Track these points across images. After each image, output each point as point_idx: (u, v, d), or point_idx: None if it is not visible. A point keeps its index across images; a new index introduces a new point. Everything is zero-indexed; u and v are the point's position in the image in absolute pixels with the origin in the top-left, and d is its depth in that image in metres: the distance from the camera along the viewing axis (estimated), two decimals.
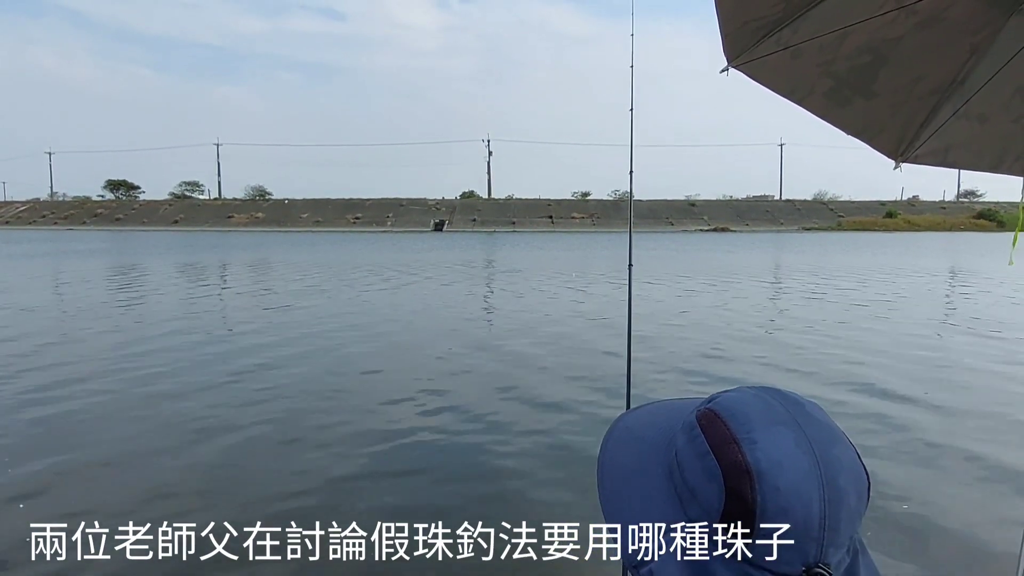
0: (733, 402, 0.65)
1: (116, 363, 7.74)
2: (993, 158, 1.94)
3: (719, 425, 0.62)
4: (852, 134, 1.93)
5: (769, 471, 0.58)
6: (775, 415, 0.62)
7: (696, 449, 0.63)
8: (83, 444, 4.99)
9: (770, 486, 0.57)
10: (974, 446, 4.84)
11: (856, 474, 0.62)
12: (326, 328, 10.30)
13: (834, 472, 0.59)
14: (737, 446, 0.60)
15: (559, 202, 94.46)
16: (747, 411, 0.63)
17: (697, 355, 8.37)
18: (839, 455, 0.61)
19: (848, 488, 0.60)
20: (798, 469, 0.58)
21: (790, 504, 0.57)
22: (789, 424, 0.61)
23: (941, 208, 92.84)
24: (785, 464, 0.58)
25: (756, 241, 50.67)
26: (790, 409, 0.63)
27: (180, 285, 17.69)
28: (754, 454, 0.59)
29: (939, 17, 1.64)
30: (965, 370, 7.55)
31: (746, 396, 0.66)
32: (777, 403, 0.64)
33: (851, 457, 0.63)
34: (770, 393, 0.66)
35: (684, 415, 0.69)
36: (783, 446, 0.59)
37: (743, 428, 0.61)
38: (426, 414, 5.80)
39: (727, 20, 1.61)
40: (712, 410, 0.64)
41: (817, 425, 0.63)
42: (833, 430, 0.64)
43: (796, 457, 0.59)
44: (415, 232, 74.35)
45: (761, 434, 0.60)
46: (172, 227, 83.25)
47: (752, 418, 0.62)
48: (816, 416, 0.64)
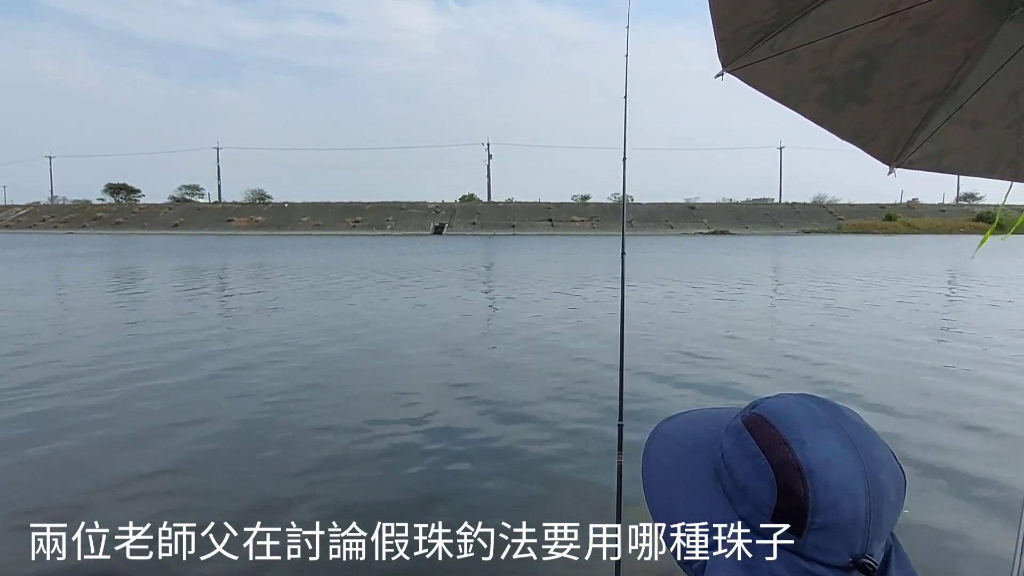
0: (778, 407, 0.69)
1: (109, 370, 7.75)
2: (987, 163, 1.95)
3: (767, 428, 0.66)
4: (846, 139, 1.93)
5: (819, 468, 0.62)
6: (819, 419, 0.67)
7: (746, 450, 0.66)
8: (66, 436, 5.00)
9: (820, 482, 0.61)
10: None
11: (895, 472, 0.66)
12: (324, 328, 10.32)
13: (876, 470, 0.64)
14: (787, 446, 0.63)
15: (559, 205, 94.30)
16: (792, 415, 0.67)
17: (690, 356, 8.41)
18: (879, 455, 0.66)
19: (889, 485, 0.64)
20: (846, 467, 0.62)
21: (839, 500, 0.61)
22: (833, 427, 0.66)
23: (940, 211, 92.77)
24: (833, 462, 0.62)
25: (754, 244, 50.66)
26: (831, 413, 0.68)
27: (177, 288, 17.69)
28: (804, 453, 0.63)
29: (933, 23, 1.65)
30: (938, 374, 7.59)
31: (789, 402, 0.70)
32: (819, 408, 0.68)
33: (889, 457, 0.67)
34: (810, 399, 0.70)
35: (723, 421, 0.73)
36: (830, 446, 0.63)
37: (791, 430, 0.65)
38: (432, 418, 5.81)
39: (722, 25, 1.62)
40: (759, 414, 0.68)
41: (857, 428, 0.67)
42: (871, 432, 0.69)
43: (843, 456, 0.63)
44: (415, 235, 74.32)
45: (809, 435, 0.64)
46: (172, 231, 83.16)
47: (798, 421, 0.66)
48: (855, 420, 0.69)
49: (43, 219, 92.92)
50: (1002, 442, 5.17)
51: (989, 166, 1.93)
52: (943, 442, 5.14)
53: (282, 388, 6.77)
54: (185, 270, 24.16)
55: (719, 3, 1.58)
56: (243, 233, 79.70)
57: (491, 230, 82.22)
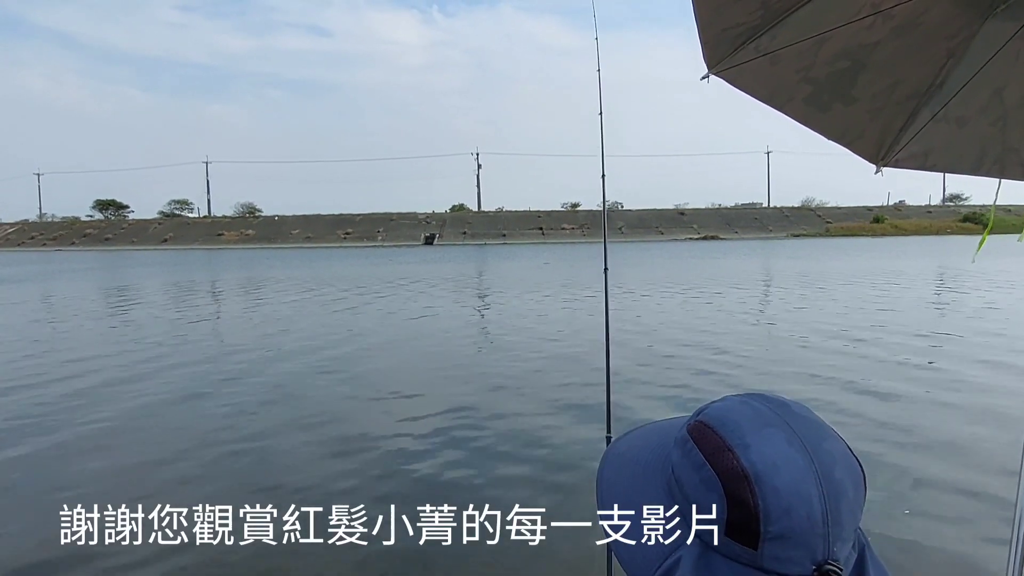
0: (721, 411, 0.65)
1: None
2: (972, 160, 1.95)
3: (711, 435, 0.62)
4: (833, 139, 1.93)
5: (765, 472, 0.58)
6: (764, 418, 0.63)
7: (692, 462, 0.63)
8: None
9: (769, 487, 0.57)
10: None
11: (850, 465, 0.63)
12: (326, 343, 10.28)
13: (828, 466, 0.60)
14: (731, 452, 0.60)
15: (549, 213, 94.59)
16: (736, 418, 0.63)
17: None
18: (830, 448, 0.62)
19: (844, 480, 0.60)
20: (794, 467, 0.58)
21: (791, 505, 0.57)
22: (778, 425, 0.62)
23: (927, 212, 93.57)
24: (780, 464, 0.58)
25: (744, 249, 50.92)
26: (777, 411, 0.64)
27: (166, 305, 17.60)
28: (748, 457, 0.59)
29: (915, 22, 1.65)
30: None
31: (732, 404, 0.66)
32: (764, 407, 0.65)
33: (842, 450, 0.63)
34: (755, 398, 0.67)
35: (675, 432, 0.69)
36: (776, 447, 0.60)
37: (734, 435, 0.61)
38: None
39: (706, 27, 1.61)
40: (702, 421, 0.65)
41: (805, 422, 0.63)
42: (821, 426, 0.65)
43: (790, 456, 0.59)
44: (406, 246, 74.29)
45: (753, 438, 0.60)
46: (162, 246, 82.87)
47: (742, 424, 0.62)
48: (803, 414, 0.65)
49: (32, 236, 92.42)
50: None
51: (975, 163, 1.93)
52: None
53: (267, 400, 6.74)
54: (176, 286, 24.05)
55: (703, 5, 1.57)
56: (233, 247, 79.46)
57: (482, 239, 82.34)
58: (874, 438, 5.23)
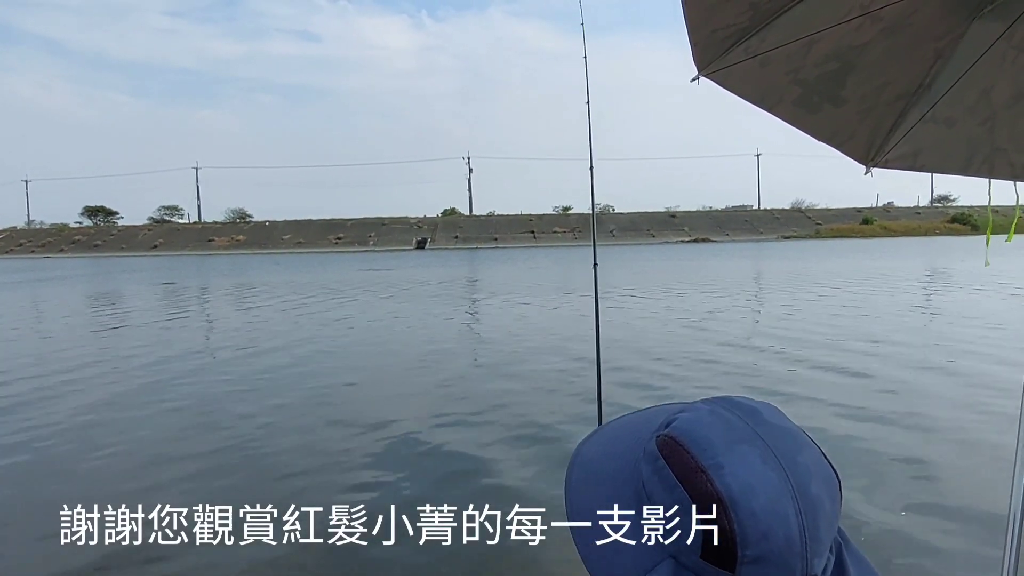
0: (691, 424, 0.62)
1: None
2: (961, 161, 1.98)
3: (682, 453, 0.59)
4: (822, 140, 1.95)
5: (741, 496, 0.56)
6: (736, 432, 0.61)
7: (663, 482, 0.60)
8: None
9: (745, 512, 0.56)
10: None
11: (826, 477, 0.61)
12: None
13: (805, 481, 0.58)
14: (705, 474, 0.57)
15: (541, 217, 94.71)
16: (707, 433, 0.60)
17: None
18: (806, 461, 0.60)
19: (821, 494, 0.59)
20: (771, 489, 0.57)
21: (769, 528, 0.55)
22: (752, 440, 0.60)
23: (916, 213, 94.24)
24: (756, 485, 0.57)
25: (734, 250, 51.12)
26: (748, 421, 0.62)
27: (157, 309, 17.50)
28: (723, 480, 0.57)
29: (903, 23, 1.67)
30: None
31: (702, 416, 0.63)
32: (735, 417, 0.62)
33: (817, 460, 0.62)
34: (725, 406, 0.64)
35: (643, 436, 0.66)
36: (751, 466, 0.58)
37: (707, 454, 0.58)
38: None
39: (695, 29, 1.63)
40: (672, 437, 0.61)
41: (779, 433, 0.62)
42: (795, 434, 0.63)
43: (765, 476, 0.57)
44: (398, 251, 74.19)
45: (726, 457, 0.58)
46: (152, 252, 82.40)
47: (713, 440, 0.60)
48: (775, 423, 0.63)
49: (20, 244, 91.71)
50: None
51: (964, 163, 1.96)
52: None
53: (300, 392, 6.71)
54: (165, 289, 23.94)
55: (693, 7, 1.59)
56: (224, 253, 79.14)
57: (474, 243, 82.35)
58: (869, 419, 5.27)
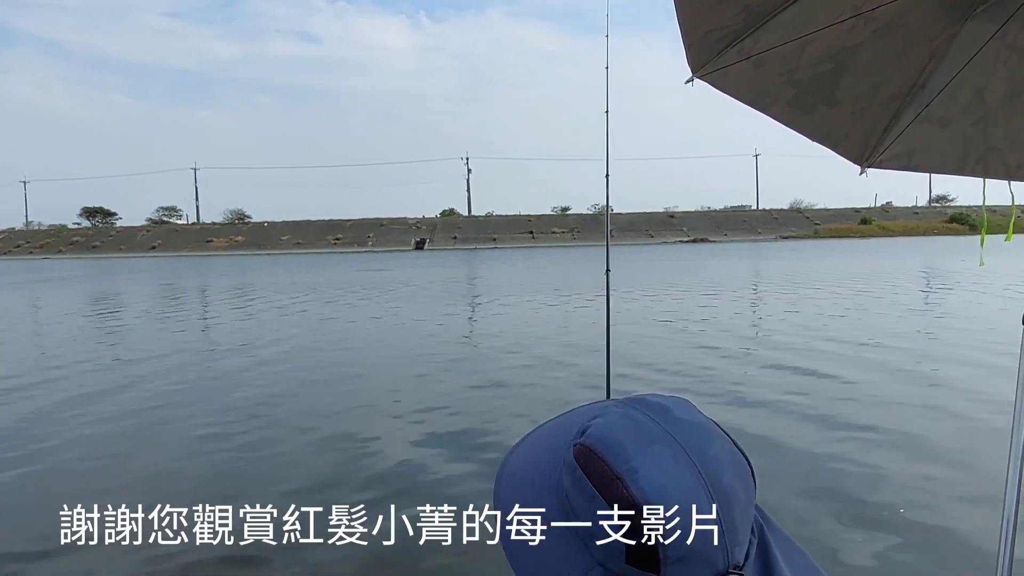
0: (604, 430, 0.62)
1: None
2: (956, 160, 1.99)
3: (597, 461, 0.60)
4: (817, 141, 1.96)
5: (656, 498, 0.57)
6: (647, 433, 0.61)
7: (584, 492, 0.60)
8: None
9: (662, 513, 0.56)
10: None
11: (738, 466, 0.62)
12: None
13: (717, 474, 0.60)
14: (620, 481, 0.58)
15: (539, 217, 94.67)
16: (619, 438, 0.61)
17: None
18: (716, 453, 0.61)
19: (734, 484, 0.60)
20: (684, 487, 0.58)
21: (686, 524, 0.56)
22: (662, 439, 0.61)
23: (914, 213, 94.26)
24: (669, 485, 0.57)
25: (733, 251, 51.17)
26: (659, 420, 0.63)
27: (155, 310, 17.49)
28: (637, 484, 0.57)
29: (897, 24, 1.68)
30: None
31: (613, 420, 0.64)
32: (645, 418, 0.63)
33: (728, 450, 0.63)
34: (635, 407, 0.65)
35: (563, 447, 0.65)
36: (663, 466, 0.59)
37: (620, 459, 0.59)
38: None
39: (689, 31, 1.64)
40: (586, 445, 0.61)
41: (688, 429, 0.63)
42: (704, 427, 0.64)
43: (678, 474, 0.58)
44: (396, 251, 74.18)
45: (639, 460, 0.59)
46: (150, 253, 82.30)
47: (625, 444, 0.60)
48: (685, 418, 0.64)
49: (18, 245, 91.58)
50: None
51: (958, 163, 1.96)
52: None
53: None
54: (162, 291, 23.92)
55: (686, 9, 1.60)
56: (222, 254, 79.07)
57: (472, 244, 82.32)
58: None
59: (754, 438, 5.20)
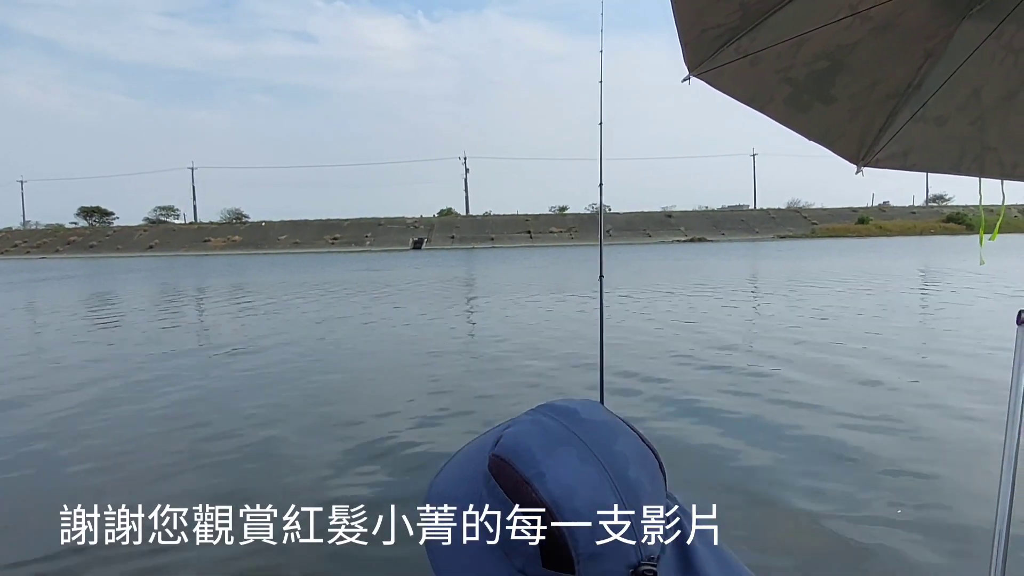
0: (514, 438, 0.64)
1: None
2: (952, 160, 1.99)
3: (508, 469, 0.61)
4: (813, 140, 1.96)
5: (563, 499, 0.58)
6: (553, 436, 0.63)
7: (497, 500, 0.62)
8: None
9: (570, 513, 0.58)
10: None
11: (643, 458, 0.64)
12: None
13: (622, 469, 0.61)
14: (529, 486, 0.59)
15: (537, 217, 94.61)
16: (527, 443, 0.62)
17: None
18: (622, 449, 0.63)
19: (640, 477, 0.62)
20: (590, 485, 0.59)
21: (594, 522, 0.58)
22: (568, 440, 0.62)
23: (911, 213, 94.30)
24: (575, 485, 0.59)
25: (730, 250, 51.20)
26: (566, 422, 0.64)
27: (153, 311, 17.45)
28: (546, 488, 0.58)
29: (893, 23, 1.68)
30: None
31: (524, 426, 0.65)
32: (553, 421, 0.65)
33: (633, 444, 0.64)
34: (544, 412, 0.67)
35: (482, 461, 0.66)
36: (570, 467, 0.60)
37: (529, 464, 0.60)
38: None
39: (686, 29, 1.64)
40: (498, 456, 0.63)
41: (593, 428, 0.64)
42: (609, 424, 0.65)
43: (584, 473, 0.60)
44: (394, 251, 74.12)
45: (546, 463, 0.60)
46: (147, 252, 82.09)
47: (533, 450, 0.61)
48: (591, 418, 0.65)
49: (15, 244, 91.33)
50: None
51: (954, 163, 1.97)
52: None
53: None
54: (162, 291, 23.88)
55: (682, 7, 1.60)
56: (220, 253, 78.94)
57: (470, 243, 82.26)
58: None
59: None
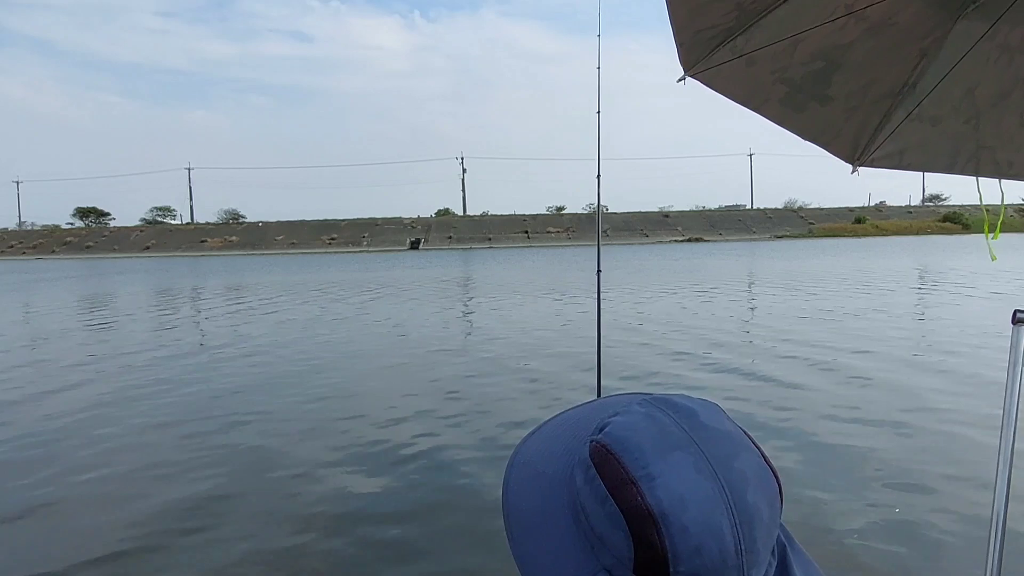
0: (623, 430, 0.59)
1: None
2: (947, 159, 1.99)
3: (613, 463, 0.56)
4: (809, 139, 1.96)
5: (672, 510, 0.53)
6: (669, 438, 0.58)
7: (595, 493, 0.57)
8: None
9: (677, 527, 0.53)
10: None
11: (764, 482, 0.58)
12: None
13: (741, 490, 0.56)
14: (635, 487, 0.54)
15: (534, 217, 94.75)
16: (639, 440, 0.57)
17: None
18: (743, 467, 0.57)
19: (759, 503, 0.56)
20: (703, 499, 0.54)
21: (701, 543, 0.53)
22: (686, 446, 0.57)
23: (908, 212, 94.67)
24: (688, 497, 0.54)
25: (728, 250, 51.29)
26: (684, 424, 0.59)
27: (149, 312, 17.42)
28: (654, 493, 0.54)
29: (888, 23, 1.68)
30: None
31: (636, 420, 0.60)
32: (669, 420, 0.60)
33: (756, 464, 0.59)
34: (660, 408, 0.61)
35: (579, 441, 0.63)
36: (684, 476, 0.55)
37: (638, 463, 0.56)
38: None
39: (681, 29, 1.63)
40: (603, 444, 0.58)
41: (715, 437, 0.59)
42: (732, 437, 0.60)
43: (699, 486, 0.55)
44: (391, 251, 74.11)
45: (658, 466, 0.55)
46: (144, 253, 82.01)
47: (645, 448, 0.57)
48: (712, 425, 0.60)
49: (11, 245, 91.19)
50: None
51: (949, 162, 1.97)
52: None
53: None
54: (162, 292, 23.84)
55: (678, 7, 1.59)
56: (217, 254, 78.89)
57: (467, 244, 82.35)
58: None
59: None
